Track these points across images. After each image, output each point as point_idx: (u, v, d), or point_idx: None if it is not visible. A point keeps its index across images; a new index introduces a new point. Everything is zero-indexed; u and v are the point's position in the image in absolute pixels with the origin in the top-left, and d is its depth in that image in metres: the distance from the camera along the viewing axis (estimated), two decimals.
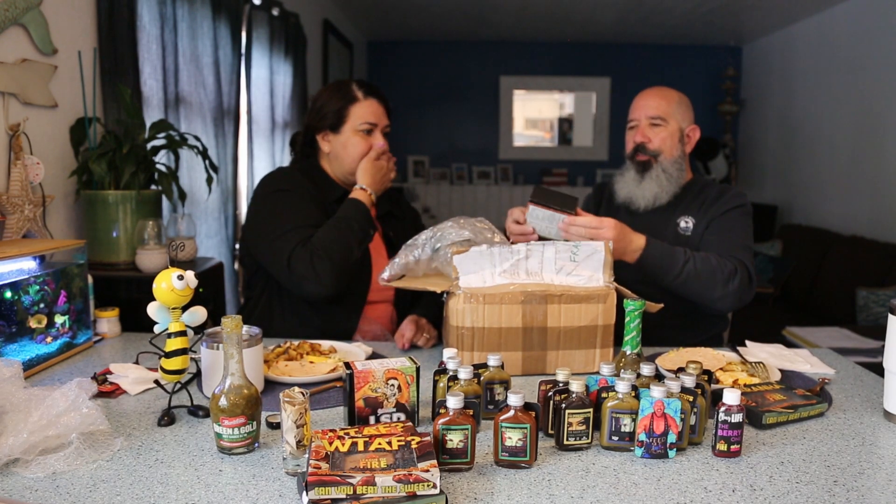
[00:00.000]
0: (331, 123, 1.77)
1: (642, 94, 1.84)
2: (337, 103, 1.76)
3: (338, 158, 1.79)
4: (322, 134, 1.79)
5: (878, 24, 4.36)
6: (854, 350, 2.90)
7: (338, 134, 1.77)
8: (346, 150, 1.76)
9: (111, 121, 2.03)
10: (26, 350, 1.36)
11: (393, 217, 1.90)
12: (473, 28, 5.97)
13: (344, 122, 1.76)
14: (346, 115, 1.76)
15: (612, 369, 1.12)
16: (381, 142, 1.78)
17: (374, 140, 1.77)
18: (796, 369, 1.45)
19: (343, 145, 1.77)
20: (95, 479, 0.93)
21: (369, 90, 1.79)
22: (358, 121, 1.75)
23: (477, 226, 1.53)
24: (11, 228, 1.65)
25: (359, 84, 1.79)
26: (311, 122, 1.81)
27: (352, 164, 1.77)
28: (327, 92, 1.81)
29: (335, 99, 1.77)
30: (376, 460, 0.87)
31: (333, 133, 1.78)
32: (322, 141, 1.80)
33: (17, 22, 1.69)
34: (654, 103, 1.80)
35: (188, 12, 2.59)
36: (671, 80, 6.42)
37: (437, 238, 1.50)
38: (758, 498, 0.90)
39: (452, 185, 6.66)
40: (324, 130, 1.79)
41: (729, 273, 1.61)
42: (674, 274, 1.60)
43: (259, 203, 1.73)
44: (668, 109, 1.80)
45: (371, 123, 1.76)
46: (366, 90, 1.78)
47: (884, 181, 4.31)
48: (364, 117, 1.75)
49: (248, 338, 1.21)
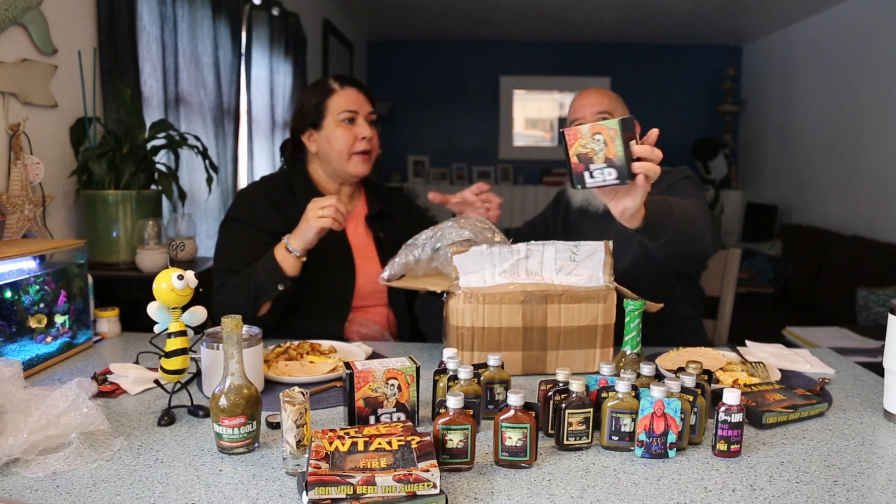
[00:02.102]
0: (312, 120, 1.74)
1: (583, 94, 1.83)
2: (315, 99, 1.73)
3: (325, 154, 1.75)
4: (307, 134, 1.76)
5: (878, 24, 4.36)
6: (854, 350, 2.90)
7: (321, 130, 1.74)
8: (331, 144, 1.73)
9: (111, 121, 2.03)
10: (26, 350, 1.36)
11: (385, 217, 1.87)
12: (473, 28, 5.97)
13: (324, 115, 1.72)
14: (325, 108, 1.72)
15: (612, 369, 1.12)
16: (366, 130, 1.73)
17: (358, 129, 1.73)
18: (796, 369, 1.45)
19: (327, 139, 1.73)
20: (95, 479, 0.93)
21: (345, 80, 1.76)
22: (337, 110, 1.71)
23: (477, 225, 1.53)
24: (11, 228, 1.65)
25: (335, 77, 1.76)
26: (294, 125, 1.79)
27: (339, 157, 1.73)
28: (306, 92, 1.79)
29: (313, 96, 1.74)
30: (376, 460, 0.87)
31: (316, 130, 1.74)
32: (308, 142, 1.77)
33: (17, 22, 1.69)
34: (597, 99, 1.78)
35: (188, 12, 2.59)
36: (671, 80, 6.47)
37: (438, 238, 1.50)
38: (758, 498, 0.90)
39: (452, 184, 6.66)
40: (307, 130, 1.76)
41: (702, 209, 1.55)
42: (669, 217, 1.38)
43: (221, 225, 1.75)
44: (611, 104, 1.78)
45: (351, 111, 1.72)
46: (342, 81, 1.75)
47: (884, 181, 4.31)
48: (344, 106, 1.72)
49: (248, 338, 1.21)
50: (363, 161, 1.75)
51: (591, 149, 1.14)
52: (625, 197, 1.22)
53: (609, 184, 1.16)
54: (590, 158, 1.15)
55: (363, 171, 1.76)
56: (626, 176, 1.15)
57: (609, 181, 1.16)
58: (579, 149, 1.15)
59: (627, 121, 1.13)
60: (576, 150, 1.15)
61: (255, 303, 1.57)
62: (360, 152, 1.74)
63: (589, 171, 1.16)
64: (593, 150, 1.14)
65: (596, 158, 1.14)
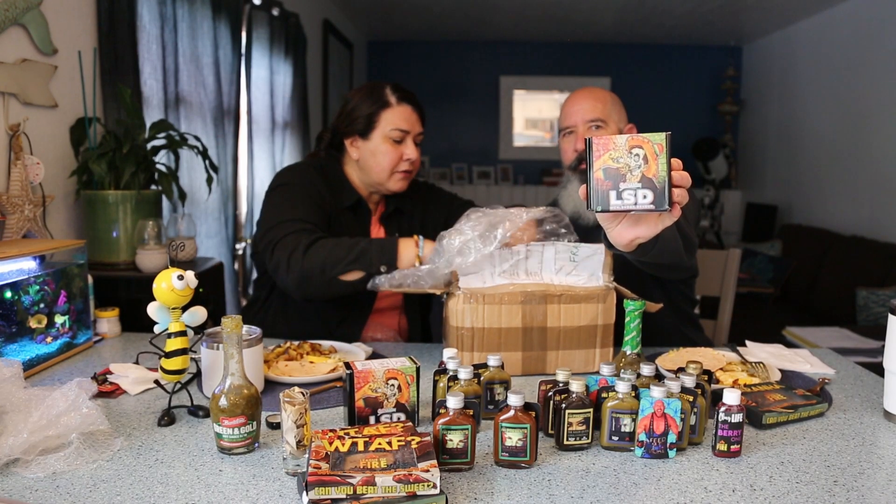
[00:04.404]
0: (360, 129, 1.69)
1: (575, 98, 1.71)
2: (368, 108, 1.68)
3: (366, 166, 1.71)
4: (351, 139, 1.72)
5: (878, 24, 4.36)
6: (854, 350, 2.90)
7: (367, 140, 1.69)
8: (375, 159, 1.68)
9: (111, 121, 2.03)
10: (26, 350, 1.36)
11: (401, 213, 1.84)
12: (473, 28, 5.97)
13: (374, 127, 1.67)
14: (377, 120, 1.67)
15: (612, 369, 1.12)
16: (413, 153, 1.69)
17: (405, 149, 1.69)
18: (796, 369, 1.45)
19: (372, 153, 1.68)
20: (95, 479, 0.93)
21: (403, 95, 1.70)
22: (389, 126, 1.66)
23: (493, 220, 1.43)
24: (11, 228, 1.65)
25: (393, 88, 1.70)
26: (339, 125, 1.74)
27: (380, 173, 1.69)
28: (359, 94, 1.72)
29: (367, 103, 1.68)
30: (376, 460, 0.87)
31: (363, 139, 1.69)
32: (351, 147, 1.72)
33: (17, 22, 1.69)
34: (589, 105, 1.67)
35: (188, 12, 2.59)
36: (671, 80, 6.47)
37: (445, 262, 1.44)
38: (758, 498, 0.90)
39: (452, 184, 6.66)
40: (353, 136, 1.71)
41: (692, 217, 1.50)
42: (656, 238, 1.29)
43: (265, 199, 1.71)
44: (605, 110, 1.67)
45: (403, 131, 1.67)
46: (400, 95, 1.69)
47: (884, 181, 4.31)
48: (396, 123, 1.67)
49: (248, 338, 1.21)
50: (403, 178, 1.72)
51: (626, 164, 0.97)
52: (637, 226, 1.05)
53: (638, 209, 0.98)
54: (621, 176, 0.97)
55: (401, 189, 1.74)
56: (664, 202, 0.95)
57: (642, 206, 0.96)
58: (609, 162, 0.97)
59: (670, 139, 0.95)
60: (604, 164, 0.97)
61: (348, 264, 1.48)
62: (402, 171, 1.71)
63: (617, 191, 0.96)
64: (627, 167, 0.96)
65: (630, 177, 0.96)
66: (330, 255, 1.49)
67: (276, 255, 1.54)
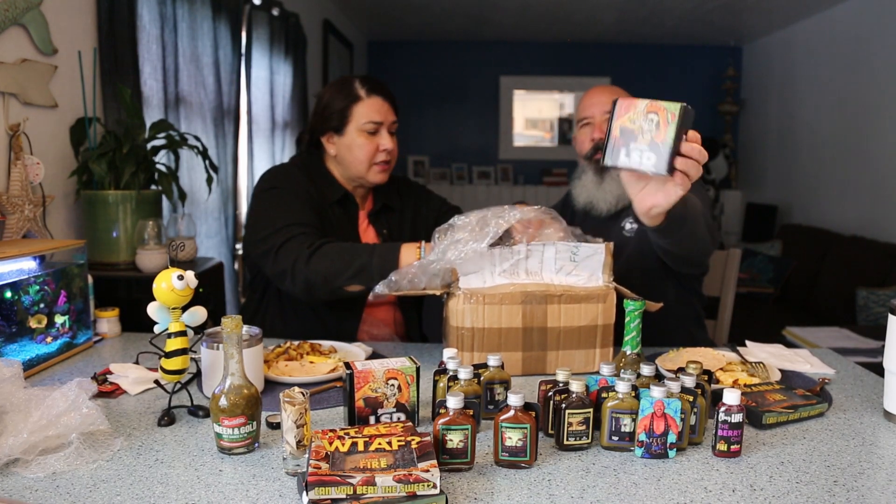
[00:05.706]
0: (335, 125, 1.72)
1: (593, 91, 1.78)
2: (340, 103, 1.71)
3: (344, 161, 1.74)
4: (327, 136, 1.75)
5: (878, 24, 4.36)
6: (854, 350, 2.90)
7: (342, 136, 1.72)
8: (352, 153, 1.71)
9: (111, 121, 2.03)
10: (26, 350, 1.36)
11: (389, 210, 1.86)
12: (473, 28, 5.97)
13: (347, 122, 1.70)
14: (350, 114, 1.70)
15: (612, 369, 1.12)
16: (388, 143, 1.73)
17: (381, 140, 1.72)
18: (796, 369, 1.45)
19: (348, 147, 1.72)
20: (95, 479, 0.93)
21: (373, 87, 1.72)
22: (362, 120, 1.69)
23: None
24: (11, 228, 1.65)
25: (362, 81, 1.73)
26: (315, 124, 1.77)
27: (358, 166, 1.72)
28: (330, 91, 1.76)
29: (338, 99, 1.72)
30: (376, 460, 0.87)
31: (338, 135, 1.73)
32: (328, 143, 1.76)
33: (17, 22, 1.69)
34: (607, 98, 1.71)
35: (188, 12, 2.59)
36: (671, 80, 6.47)
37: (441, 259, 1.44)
38: (758, 498, 0.90)
39: (452, 185, 6.66)
40: (328, 132, 1.74)
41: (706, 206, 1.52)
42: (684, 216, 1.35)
43: (254, 202, 1.72)
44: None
45: (376, 122, 1.70)
46: (369, 87, 1.72)
47: (884, 181, 4.31)
48: (368, 116, 1.70)
49: (248, 338, 1.21)
50: (382, 170, 1.75)
51: (640, 126, 1.05)
52: (657, 193, 1.14)
53: (641, 168, 1.06)
54: (634, 136, 1.05)
55: (381, 180, 1.76)
56: (664, 167, 1.03)
57: (643, 166, 1.05)
58: (627, 123, 1.05)
59: (689, 112, 1.03)
60: (622, 124, 1.05)
61: (349, 279, 1.49)
62: (380, 162, 1.73)
63: (627, 149, 1.04)
64: (641, 129, 1.05)
65: (641, 138, 1.05)
66: (332, 266, 1.51)
67: (280, 262, 1.55)
